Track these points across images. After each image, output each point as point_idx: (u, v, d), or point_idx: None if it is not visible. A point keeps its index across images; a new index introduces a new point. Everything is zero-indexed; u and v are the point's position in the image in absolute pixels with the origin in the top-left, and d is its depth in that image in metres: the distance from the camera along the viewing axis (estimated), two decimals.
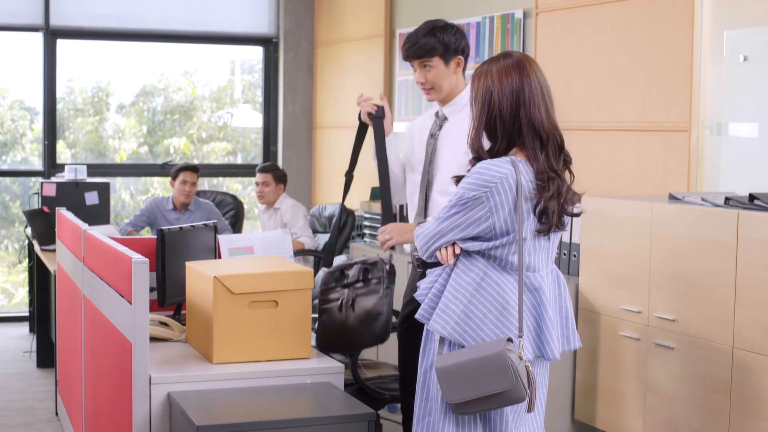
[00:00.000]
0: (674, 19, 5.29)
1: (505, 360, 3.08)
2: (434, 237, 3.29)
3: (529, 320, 3.26)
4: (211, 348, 3.84)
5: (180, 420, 3.49)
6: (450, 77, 4.16)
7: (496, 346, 3.12)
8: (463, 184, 3.23)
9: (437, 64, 4.14)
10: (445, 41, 4.13)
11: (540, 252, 3.30)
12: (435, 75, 4.15)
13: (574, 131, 5.81)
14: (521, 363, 3.13)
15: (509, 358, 3.09)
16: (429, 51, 4.13)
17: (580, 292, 5.04)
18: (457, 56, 4.16)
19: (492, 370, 3.10)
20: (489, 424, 3.28)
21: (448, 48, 4.13)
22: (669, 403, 4.53)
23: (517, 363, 3.11)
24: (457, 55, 4.16)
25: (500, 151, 3.27)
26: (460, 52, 4.17)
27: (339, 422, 3.45)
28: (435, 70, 4.15)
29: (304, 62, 9.51)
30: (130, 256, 3.74)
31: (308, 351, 3.95)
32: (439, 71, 4.15)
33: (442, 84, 4.16)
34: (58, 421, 5.97)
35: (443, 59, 4.14)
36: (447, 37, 4.14)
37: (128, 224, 7.83)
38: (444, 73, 4.15)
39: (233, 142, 10.17)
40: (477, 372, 3.12)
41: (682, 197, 4.66)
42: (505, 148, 3.27)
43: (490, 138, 3.30)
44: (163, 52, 9.75)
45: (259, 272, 3.90)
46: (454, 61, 4.16)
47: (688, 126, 5.20)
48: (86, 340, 4.73)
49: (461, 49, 4.17)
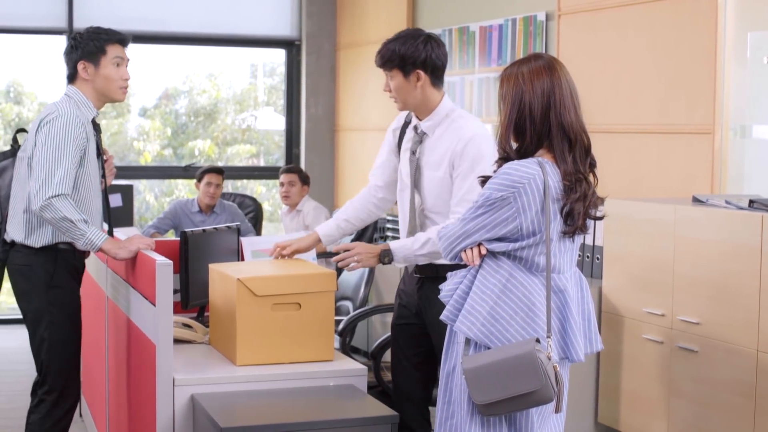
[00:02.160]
0: (697, 21, 5.27)
1: (534, 360, 3.08)
2: (459, 238, 3.28)
3: (554, 322, 3.26)
4: (235, 350, 3.84)
5: (204, 422, 3.50)
6: (412, 90, 3.94)
7: (525, 346, 3.11)
8: (491, 185, 3.23)
9: (396, 75, 3.96)
10: (401, 53, 3.91)
11: (565, 253, 3.30)
12: (395, 87, 3.96)
13: (596, 133, 5.77)
14: (549, 363, 3.12)
15: (538, 358, 3.09)
16: (386, 62, 3.96)
17: (604, 295, 5.03)
18: (416, 70, 3.91)
19: (521, 370, 3.09)
20: (514, 425, 3.27)
21: (404, 60, 3.91)
22: (693, 407, 4.51)
23: (545, 363, 3.10)
24: (415, 68, 3.91)
25: (528, 151, 3.27)
26: (420, 65, 3.91)
27: (362, 425, 3.45)
28: (394, 82, 3.97)
29: (326, 65, 9.52)
30: (154, 259, 3.76)
31: (331, 353, 3.95)
32: (399, 83, 3.95)
33: (404, 97, 3.98)
34: (82, 422, 5.99)
35: (401, 71, 3.94)
36: (405, 49, 3.90)
37: (151, 227, 7.86)
38: (403, 86, 3.95)
39: (257, 145, 10.20)
40: (506, 372, 3.11)
41: (705, 200, 4.64)
42: (534, 149, 3.27)
43: (517, 139, 3.29)
44: (185, 54, 9.78)
45: (282, 274, 3.91)
46: (414, 74, 3.92)
47: (711, 128, 5.18)
48: (110, 342, 4.75)
49: (421, 62, 3.91)
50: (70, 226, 4.01)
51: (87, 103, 4.25)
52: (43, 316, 4.18)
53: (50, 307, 4.17)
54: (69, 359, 4.26)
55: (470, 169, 3.87)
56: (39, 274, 4.17)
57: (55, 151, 4.04)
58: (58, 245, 4.18)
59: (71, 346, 4.27)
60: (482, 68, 7.26)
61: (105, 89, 4.27)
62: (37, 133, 4.13)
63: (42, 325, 4.19)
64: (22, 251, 4.21)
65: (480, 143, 3.89)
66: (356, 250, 3.96)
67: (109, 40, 4.27)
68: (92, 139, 4.22)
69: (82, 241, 4.05)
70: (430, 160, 4.00)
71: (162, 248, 4.31)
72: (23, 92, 9.68)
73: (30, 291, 4.18)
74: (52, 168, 4.02)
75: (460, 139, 3.90)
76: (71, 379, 4.29)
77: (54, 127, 4.07)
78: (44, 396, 4.26)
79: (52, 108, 4.16)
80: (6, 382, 6.90)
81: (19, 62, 9.44)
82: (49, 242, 4.17)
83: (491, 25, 7.11)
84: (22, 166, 4.22)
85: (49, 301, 4.17)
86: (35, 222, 4.17)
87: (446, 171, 3.95)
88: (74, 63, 4.26)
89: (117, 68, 4.26)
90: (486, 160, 3.84)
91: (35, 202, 4.01)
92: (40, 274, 4.17)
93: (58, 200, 3.99)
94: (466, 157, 3.88)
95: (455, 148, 3.90)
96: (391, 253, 3.92)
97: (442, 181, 3.96)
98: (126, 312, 4.32)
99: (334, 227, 4.25)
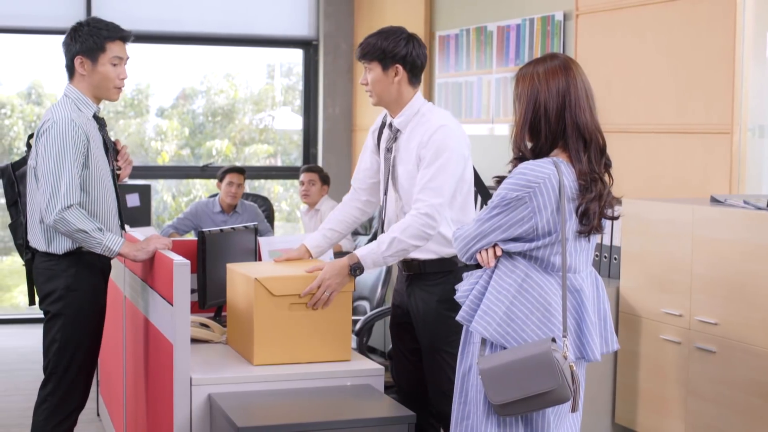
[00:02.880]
0: (716, 21, 5.25)
1: (551, 359, 3.08)
2: (475, 239, 3.28)
3: (570, 321, 3.25)
4: (252, 349, 3.85)
5: (221, 421, 3.50)
6: (388, 85, 4.02)
7: (541, 346, 3.11)
8: (506, 185, 3.22)
9: (375, 68, 4.02)
10: (382, 46, 3.99)
11: (581, 253, 3.29)
12: (372, 79, 4.04)
13: (614, 133, 5.78)
14: (566, 363, 3.12)
15: (555, 358, 3.08)
16: (367, 54, 4.03)
17: (621, 295, 5.02)
18: (395, 65, 4.00)
19: (537, 369, 3.09)
20: (530, 425, 3.27)
21: (385, 54, 3.99)
22: (710, 407, 4.50)
23: (561, 362, 3.10)
24: (395, 63, 3.99)
25: (543, 151, 3.27)
26: (399, 60, 4.00)
27: (379, 425, 3.46)
28: (372, 75, 4.03)
29: (343, 65, 9.53)
30: (172, 258, 3.77)
31: (348, 353, 3.95)
32: (376, 76, 4.02)
33: (380, 90, 4.04)
34: (99, 421, 6.01)
35: (381, 64, 4.01)
36: (386, 44, 3.99)
37: (170, 226, 7.87)
38: (381, 79, 4.02)
39: (274, 145, 10.22)
40: (522, 372, 3.11)
41: (723, 200, 4.62)
42: (549, 148, 3.26)
43: (532, 138, 3.29)
44: (202, 55, 9.80)
45: (300, 275, 3.91)
46: (392, 69, 4.00)
47: (729, 128, 5.16)
48: (128, 342, 4.77)
49: (401, 57, 3.99)
50: (85, 236, 4.02)
51: (86, 100, 4.22)
52: (59, 318, 4.17)
53: (66, 310, 4.16)
54: (78, 363, 4.22)
55: (434, 158, 3.91)
56: (62, 278, 4.16)
57: (55, 161, 4.03)
58: (82, 248, 4.17)
59: (82, 350, 4.22)
60: (500, 68, 7.25)
61: (99, 87, 4.23)
62: (37, 143, 4.12)
63: (56, 326, 4.19)
64: (46, 256, 4.20)
65: (446, 134, 3.95)
66: (324, 280, 3.87)
67: (110, 38, 4.22)
68: (95, 136, 4.19)
69: (100, 249, 4.06)
70: (403, 156, 4.05)
71: (179, 248, 4.33)
72: (43, 93, 9.72)
73: (51, 293, 4.18)
74: (56, 180, 4.01)
75: (427, 131, 3.97)
76: (77, 382, 4.24)
77: (50, 137, 4.05)
78: (47, 397, 4.23)
79: (48, 114, 4.13)
80: (25, 380, 6.93)
81: (38, 63, 9.47)
82: (71, 248, 4.16)
83: (509, 25, 7.10)
84: (32, 175, 4.20)
85: (66, 304, 4.16)
86: (53, 231, 4.15)
87: (414, 163, 4.00)
88: (72, 56, 4.23)
89: (114, 68, 4.22)
90: (450, 151, 3.92)
91: (47, 217, 4.02)
92: (63, 277, 4.16)
93: (69, 213, 4.00)
94: (431, 147, 3.93)
95: (421, 140, 3.96)
96: (360, 264, 3.92)
97: (410, 174, 4.00)
98: (143, 312, 4.33)
99: (321, 238, 4.27)
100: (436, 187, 3.90)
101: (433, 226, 3.89)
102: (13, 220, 4.42)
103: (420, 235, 3.89)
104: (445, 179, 3.91)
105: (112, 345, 5.24)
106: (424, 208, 3.88)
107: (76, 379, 4.24)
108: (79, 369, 4.23)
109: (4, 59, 9.40)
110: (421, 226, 3.88)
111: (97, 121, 4.25)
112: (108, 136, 4.33)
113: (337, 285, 3.89)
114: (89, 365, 4.29)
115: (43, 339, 4.26)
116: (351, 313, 3.98)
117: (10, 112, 9.55)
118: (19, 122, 9.55)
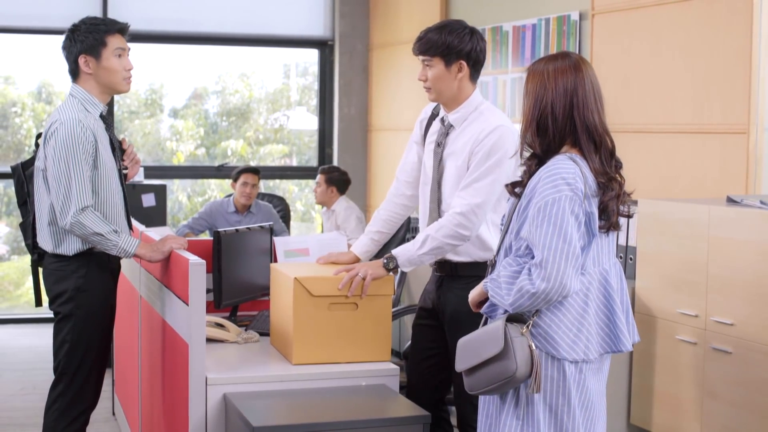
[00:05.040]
0: (733, 20, 5.23)
1: (498, 327, 3.13)
2: (567, 263, 3.13)
3: (601, 316, 3.24)
4: (291, 348, 3.85)
5: (236, 421, 3.51)
6: (450, 81, 3.94)
7: (498, 321, 3.18)
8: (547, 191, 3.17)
9: (437, 64, 3.93)
10: (447, 42, 3.90)
11: (604, 247, 3.29)
12: (434, 75, 3.94)
13: (630, 133, 5.76)
14: (521, 339, 3.12)
15: (505, 326, 3.12)
16: (429, 49, 3.93)
17: (637, 295, 5.01)
18: (459, 60, 3.92)
19: (489, 338, 3.16)
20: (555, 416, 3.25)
21: (450, 49, 3.90)
22: (727, 408, 4.48)
23: (515, 337, 3.11)
24: (459, 59, 3.91)
25: (551, 148, 3.26)
26: (464, 56, 3.92)
27: (394, 424, 3.46)
28: (434, 71, 3.94)
29: (359, 65, 9.53)
30: (187, 258, 3.77)
31: (387, 354, 3.94)
32: (438, 72, 3.93)
33: (441, 87, 3.95)
34: (115, 420, 6.03)
35: (444, 60, 3.92)
36: (451, 39, 3.90)
37: (185, 226, 7.90)
38: (443, 76, 3.93)
39: (289, 145, 10.22)
40: (479, 342, 3.20)
41: (740, 200, 4.61)
42: (557, 146, 3.26)
43: (539, 135, 3.28)
44: (218, 54, 9.82)
45: (340, 276, 3.89)
46: (456, 65, 3.92)
47: (746, 128, 5.14)
48: (143, 341, 4.78)
49: (465, 53, 3.92)
50: (100, 239, 4.03)
51: (92, 99, 4.21)
52: (70, 319, 4.18)
53: (77, 311, 4.16)
54: (89, 363, 4.22)
55: (486, 157, 3.86)
56: (72, 279, 4.17)
57: (65, 164, 4.03)
58: (92, 249, 4.18)
59: (93, 350, 4.22)
60: (515, 68, 7.24)
61: (109, 81, 4.22)
62: (45, 146, 4.13)
63: (66, 327, 4.19)
64: (55, 257, 4.21)
65: (502, 135, 3.88)
66: (358, 267, 3.90)
67: (109, 31, 4.21)
68: (103, 136, 4.18)
69: (115, 251, 4.07)
70: (454, 151, 3.99)
71: (195, 248, 4.33)
72: (54, 92, 9.74)
73: (61, 294, 4.19)
74: (67, 183, 4.02)
75: (483, 129, 3.90)
76: (88, 382, 4.25)
77: (59, 139, 4.04)
78: (58, 398, 4.23)
79: (56, 115, 4.13)
80: (41, 379, 6.95)
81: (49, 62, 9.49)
82: (80, 249, 4.17)
83: (524, 25, 7.09)
84: (39, 177, 4.19)
85: (77, 305, 4.17)
86: (62, 232, 4.16)
87: (465, 160, 3.93)
88: (75, 57, 4.22)
89: (119, 59, 4.21)
90: (503, 152, 3.84)
91: (62, 221, 4.02)
92: (73, 278, 4.17)
93: (83, 216, 4.00)
94: (485, 145, 3.87)
95: (477, 137, 3.90)
96: (393, 257, 3.89)
97: (459, 170, 3.94)
98: (159, 311, 4.34)
99: (369, 242, 4.21)
100: (480, 187, 3.85)
101: (468, 226, 3.84)
102: (23, 219, 4.44)
103: (454, 234, 3.85)
104: (492, 180, 3.85)
105: (128, 345, 5.25)
106: (459, 207, 3.84)
107: (86, 379, 4.24)
108: (90, 369, 4.24)
109: (15, 58, 9.43)
110: (454, 226, 3.84)
111: (104, 120, 4.25)
112: (114, 135, 4.33)
113: (372, 270, 3.85)
114: (100, 365, 4.30)
115: (54, 340, 4.27)
116: (391, 314, 3.97)
117: (21, 111, 9.58)
118: (29, 120, 9.58)
